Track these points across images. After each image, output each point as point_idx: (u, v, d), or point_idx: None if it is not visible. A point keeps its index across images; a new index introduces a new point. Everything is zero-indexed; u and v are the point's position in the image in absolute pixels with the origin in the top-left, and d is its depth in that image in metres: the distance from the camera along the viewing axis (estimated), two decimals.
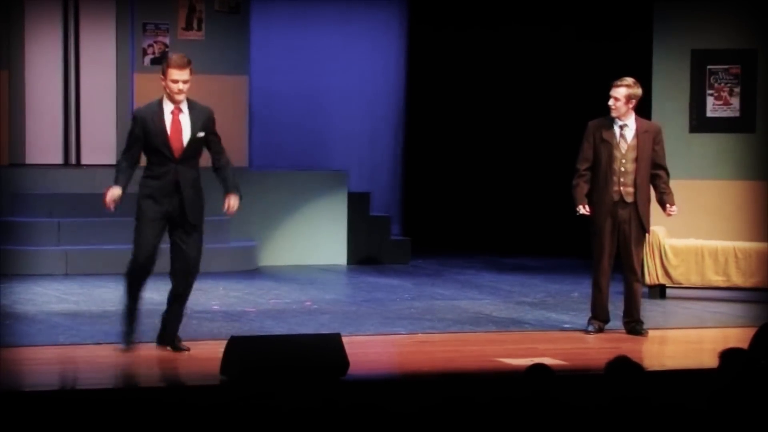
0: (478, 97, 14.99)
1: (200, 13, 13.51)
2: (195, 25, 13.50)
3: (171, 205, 8.38)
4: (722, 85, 11.50)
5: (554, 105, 14.68)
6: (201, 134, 8.44)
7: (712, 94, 11.51)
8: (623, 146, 9.39)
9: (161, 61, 8.57)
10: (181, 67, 8.37)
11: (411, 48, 15.10)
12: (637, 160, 9.38)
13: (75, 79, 13.29)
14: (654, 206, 9.56)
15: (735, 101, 11.49)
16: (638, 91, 9.41)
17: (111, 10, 13.33)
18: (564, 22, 14.58)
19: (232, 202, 8.56)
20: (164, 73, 8.41)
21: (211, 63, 13.27)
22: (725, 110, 11.45)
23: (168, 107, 8.42)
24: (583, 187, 9.46)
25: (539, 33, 14.70)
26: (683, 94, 11.51)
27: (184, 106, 8.42)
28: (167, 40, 13.39)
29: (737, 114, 11.45)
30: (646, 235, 9.67)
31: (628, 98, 9.35)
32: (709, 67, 11.50)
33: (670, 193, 9.46)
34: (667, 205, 9.47)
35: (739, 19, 11.46)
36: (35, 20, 13.15)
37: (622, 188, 9.39)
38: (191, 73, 8.43)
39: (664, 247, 11.18)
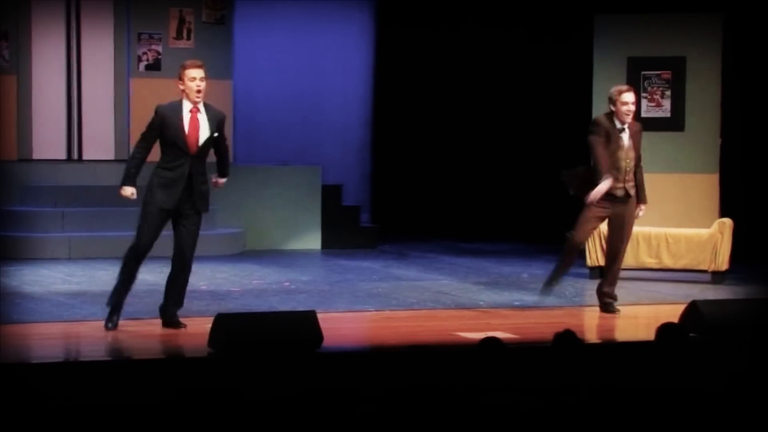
0: (440, 94, 14.97)
1: (189, 24, 13.46)
2: (185, 35, 13.45)
3: (181, 195, 8.30)
4: (655, 88, 11.53)
5: (508, 103, 14.69)
6: (216, 134, 8.39)
7: (645, 97, 11.53)
8: (627, 146, 9.34)
9: (181, 68, 8.34)
10: (197, 66, 8.32)
11: (379, 48, 15.06)
12: (635, 157, 9.38)
13: (77, 82, 13.23)
14: None
15: (666, 103, 11.53)
16: None
17: (109, 20, 13.28)
18: (516, 23, 14.61)
19: (220, 181, 8.71)
20: (182, 77, 8.29)
21: None
22: (657, 111, 11.49)
23: (187, 106, 8.32)
24: None
25: (495, 32, 14.70)
26: None
27: (202, 107, 8.34)
28: (160, 49, 13.35)
29: (668, 114, 11.48)
30: None
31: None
32: (643, 72, 11.53)
33: (644, 189, 9.45)
34: (642, 205, 9.47)
35: (670, 30, 11.50)
36: (41, 30, 13.08)
37: (627, 185, 9.37)
38: (206, 74, 8.34)
39: (603, 233, 11.20)
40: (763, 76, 12.78)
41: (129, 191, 8.41)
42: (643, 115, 11.25)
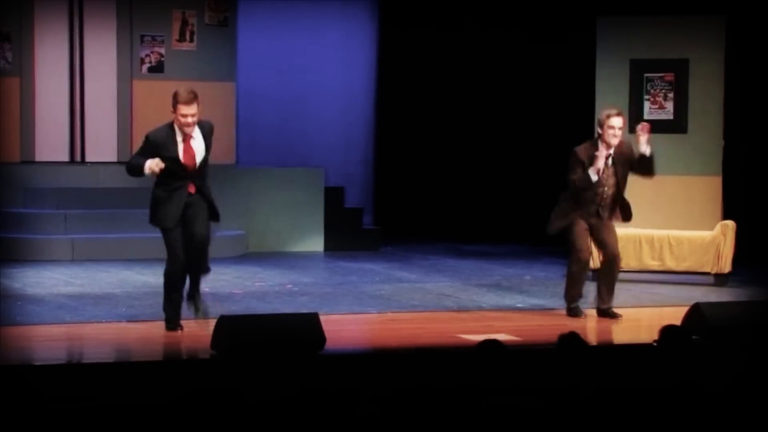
0: (443, 96, 14.96)
1: (192, 26, 13.47)
2: (188, 37, 13.45)
3: (185, 206, 8.33)
4: (657, 90, 11.53)
5: (511, 104, 14.69)
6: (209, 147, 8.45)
7: (648, 99, 11.54)
8: (607, 173, 9.19)
9: (173, 98, 8.31)
10: (188, 103, 8.26)
11: (381, 50, 15.05)
12: (615, 183, 9.23)
13: (80, 84, 13.24)
14: None
15: (669, 105, 11.53)
16: None
17: (112, 22, 13.29)
18: (518, 25, 14.62)
19: None
20: (174, 108, 8.30)
21: (202, 71, 13.25)
22: (660, 113, 11.48)
23: (180, 135, 8.32)
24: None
25: (497, 34, 14.70)
26: (623, 99, 11.52)
27: (195, 131, 8.35)
28: (162, 51, 13.35)
29: (671, 117, 11.48)
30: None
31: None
32: (645, 74, 11.53)
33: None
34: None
35: (673, 32, 11.50)
36: (44, 32, 13.09)
37: (600, 209, 9.26)
38: (198, 105, 8.32)
39: None
40: (766, 78, 12.78)
41: (152, 161, 8.23)
42: (646, 117, 11.25)
